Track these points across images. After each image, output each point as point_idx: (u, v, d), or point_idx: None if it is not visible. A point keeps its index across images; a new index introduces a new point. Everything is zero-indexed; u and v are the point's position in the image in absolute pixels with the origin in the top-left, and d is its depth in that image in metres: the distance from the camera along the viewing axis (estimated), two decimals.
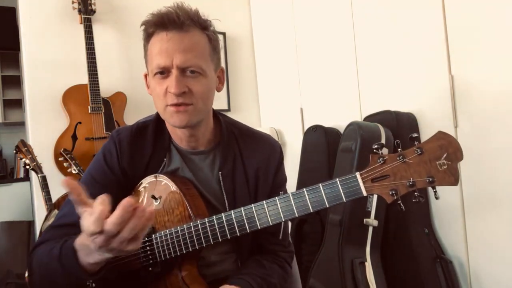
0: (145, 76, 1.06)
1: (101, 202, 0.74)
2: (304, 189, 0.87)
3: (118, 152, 1.03)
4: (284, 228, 1.11)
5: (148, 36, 0.97)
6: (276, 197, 0.90)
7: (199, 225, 0.95)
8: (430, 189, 0.84)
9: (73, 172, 2.06)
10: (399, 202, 0.84)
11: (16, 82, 4.26)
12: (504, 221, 1.53)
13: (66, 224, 0.98)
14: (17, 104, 4.35)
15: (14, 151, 1.93)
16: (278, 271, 1.07)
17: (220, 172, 1.05)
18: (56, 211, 1.20)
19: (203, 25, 0.97)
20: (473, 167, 1.61)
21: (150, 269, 1.01)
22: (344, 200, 0.84)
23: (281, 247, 1.12)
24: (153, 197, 1.01)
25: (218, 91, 1.05)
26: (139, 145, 1.05)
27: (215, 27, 1.02)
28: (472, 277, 1.67)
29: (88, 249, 0.81)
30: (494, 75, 1.53)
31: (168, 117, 0.97)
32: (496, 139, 1.54)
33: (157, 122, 1.08)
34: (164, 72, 0.93)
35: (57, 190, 1.80)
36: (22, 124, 3.84)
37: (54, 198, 1.84)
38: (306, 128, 2.45)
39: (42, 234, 1.01)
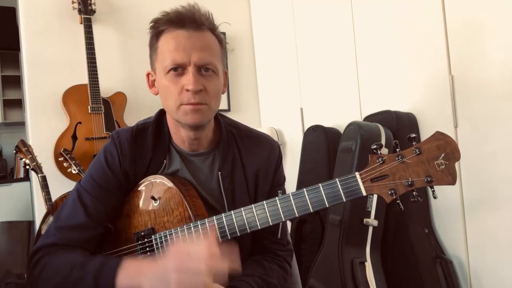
0: (148, 75, 1.05)
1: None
2: (304, 189, 0.87)
3: (120, 154, 1.02)
4: (283, 227, 1.11)
5: (158, 34, 0.97)
6: (276, 197, 0.90)
7: (199, 225, 0.95)
8: (429, 188, 0.84)
9: (73, 172, 2.06)
10: (398, 201, 0.84)
11: (16, 82, 4.26)
12: (504, 221, 1.53)
13: (72, 226, 0.98)
14: (17, 104, 4.35)
15: (14, 151, 1.93)
16: (278, 270, 1.07)
17: (219, 173, 1.05)
18: (51, 218, 1.19)
19: (214, 28, 0.99)
20: (473, 167, 1.61)
21: None
22: (344, 200, 0.85)
23: (279, 246, 1.12)
24: (153, 198, 1.01)
25: (222, 93, 1.05)
26: (140, 146, 1.05)
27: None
28: (472, 277, 1.67)
29: (138, 274, 0.83)
30: (494, 75, 1.53)
31: (181, 116, 0.96)
32: (496, 139, 1.54)
33: (157, 123, 1.08)
34: (178, 69, 0.93)
35: (57, 190, 1.80)
36: (22, 124, 3.85)
37: (54, 198, 1.84)
38: (306, 128, 2.45)
39: (45, 235, 0.99)
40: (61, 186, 2.05)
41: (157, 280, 0.77)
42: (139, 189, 1.04)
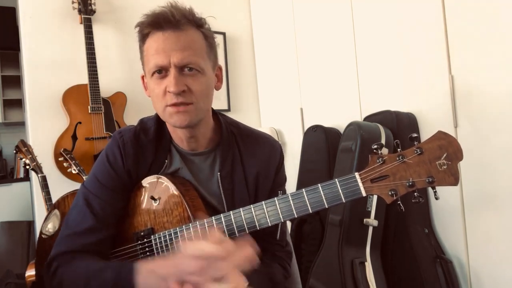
0: (142, 77, 1.05)
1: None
2: (303, 190, 0.87)
3: (123, 154, 1.02)
4: (281, 228, 1.11)
5: (143, 37, 0.96)
6: (275, 198, 0.89)
7: (198, 226, 0.94)
8: (430, 189, 0.83)
9: (73, 172, 2.06)
10: (398, 202, 0.83)
11: (16, 82, 4.26)
12: (504, 221, 1.53)
13: (81, 231, 0.97)
14: (17, 104, 4.35)
15: (14, 151, 1.93)
16: (279, 268, 1.07)
17: (219, 173, 1.05)
18: (56, 211, 1.19)
19: (198, 23, 0.96)
20: (473, 167, 1.61)
21: None
22: (344, 201, 0.84)
23: (278, 247, 1.12)
24: (152, 198, 1.01)
25: (217, 89, 1.05)
26: (142, 146, 1.04)
27: (215, 27, 1.02)
28: (472, 277, 1.67)
29: (153, 277, 0.81)
30: (494, 75, 1.53)
31: (168, 118, 0.96)
32: (496, 139, 1.54)
33: (157, 123, 1.07)
34: (161, 71, 0.93)
35: (57, 190, 1.79)
36: (22, 124, 3.85)
37: (54, 198, 1.83)
38: (306, 128, 2.44)
39: (58, 244, 0.99)
40: (61, 186, 2.04)
41: (174, 268, 0.77)
42: (139, 188, 1.04)
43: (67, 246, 0.97)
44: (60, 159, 2.15)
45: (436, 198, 0.83)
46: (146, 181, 1.03)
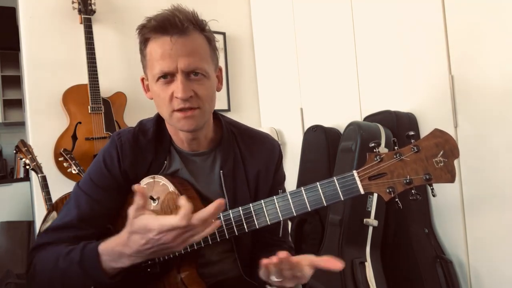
0: (142, 79, 1.05)
1: (186, 200, 0.79)
2: (302, 188, 0.87)
3: (120, 155, 1.02)
4: (284, 226, 1.12)
5: (145, 41, 0.96)
6: (274, 196, 0.90)
7: None
8: (428, 188, 0.84)
9: (73, 172, 2.06)
10: (396, 200, 0.84)
11: (16, 82, 4.26)
12: (504, 221, 1.53)
13: (62, 225, 0.98)
14: (17, 104, 4.36)
15: (14, 151, 1.93)
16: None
17: (221, 171, 1.06)
18: (54, 213, 1.20)
19: (202, 27, 0.96)
20: (473, 166, 1.61)
21: (148, 270, 1.01)
22: (342, 199, 0.84)
23: (281, 243, 1.14)
24: (151, 198, 1.01)
25: (218, 90, 1.05)
26: (141, 148, 1.05)
27: (215, 27, 1.02)
28: (472, 277, 1.67)
29: (116, 254, 0.84)
30: (494, 75, 1.53)
31: (175, 123, 0.96)
32: (496, 139, 1.54)
33: (157, 124, 1.08)
34: (167, 76, 0.93)
35: (57, 190, 1.79)
36: (22, 124, 3.85)
37: (54, 198, 1.83)
38: (306, 128, 2.44)
39: (41, 236, 1.01)
40: (61, 186, 2.04)
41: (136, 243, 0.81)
42: None
43: (45, 238, 0.98)
44: (60, 159, 2.15)
45: (433, 195, 0.83)
46: (143, 182, 1.03)
